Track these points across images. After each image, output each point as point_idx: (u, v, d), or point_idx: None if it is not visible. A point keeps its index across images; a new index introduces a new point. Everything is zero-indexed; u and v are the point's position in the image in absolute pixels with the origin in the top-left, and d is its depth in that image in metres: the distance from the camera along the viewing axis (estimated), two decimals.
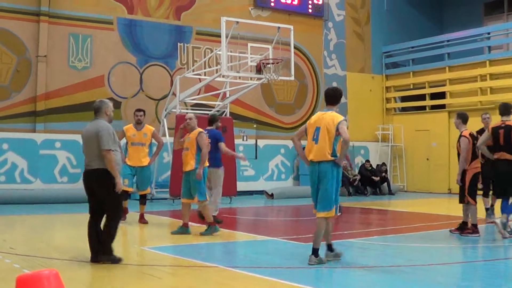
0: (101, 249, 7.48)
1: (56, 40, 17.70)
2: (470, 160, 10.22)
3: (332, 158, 7.37)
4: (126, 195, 11.54)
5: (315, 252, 7.47)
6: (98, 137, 7.37)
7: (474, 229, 10.22)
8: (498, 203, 10.42)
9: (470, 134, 10.30)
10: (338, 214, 7.69)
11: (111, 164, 7.37)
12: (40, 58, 17.28)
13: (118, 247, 9.17)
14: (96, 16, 18.38)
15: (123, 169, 11.51)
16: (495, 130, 10.26)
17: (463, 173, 10.28)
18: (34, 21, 17.35)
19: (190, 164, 9.91)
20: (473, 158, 10.25)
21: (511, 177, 10.04)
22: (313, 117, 7.68)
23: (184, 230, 10.10)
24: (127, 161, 11.51)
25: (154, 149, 12.27)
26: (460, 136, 10.33)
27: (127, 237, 10.25)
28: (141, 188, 11.75)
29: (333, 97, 7.73)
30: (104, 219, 7.58)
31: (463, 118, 10.44)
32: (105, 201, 7.50)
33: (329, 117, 7.47)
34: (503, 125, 10.22)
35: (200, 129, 10.07)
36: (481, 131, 11.19)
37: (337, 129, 7.33)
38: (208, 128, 11.46)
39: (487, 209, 11.36)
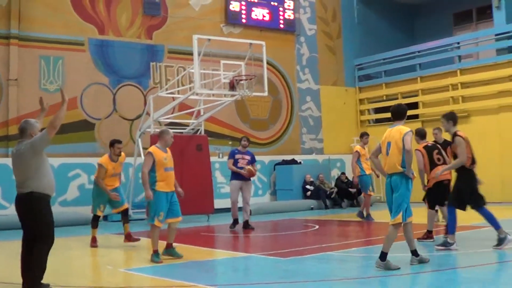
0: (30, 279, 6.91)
1: (27, 63, 17.55)
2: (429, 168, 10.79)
3: (402, 170, 7.91)
4: (96, 222, 11.54)
5: (382, 256, 7.85)
6: (33, 146, 6.98)
7: (429, 235, 10.69)
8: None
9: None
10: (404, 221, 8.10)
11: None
12: (11, 81, 17.12)
13: (96, 270, 9.07)
14: (67, 38, 18.28)
15: (99, 196, 11.47)
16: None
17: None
18: (4, 44, 17.20)
19: (175, 183, 9.85)
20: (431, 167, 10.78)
21: None
22: (384, 134, 8.27)
23: (172, 252, 9.91)
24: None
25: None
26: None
27: (105, 260, 10.13)
28: (120, 205, 11.63)
29: (397, 113, 8.39)
30: (34, 249, 6.91)
31: (419, 134, 11.33)
32: (37, 228, 6.96)
33: (396, 131, 8.11)
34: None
35: None
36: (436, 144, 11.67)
37: (403, 141, 7.90)
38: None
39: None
